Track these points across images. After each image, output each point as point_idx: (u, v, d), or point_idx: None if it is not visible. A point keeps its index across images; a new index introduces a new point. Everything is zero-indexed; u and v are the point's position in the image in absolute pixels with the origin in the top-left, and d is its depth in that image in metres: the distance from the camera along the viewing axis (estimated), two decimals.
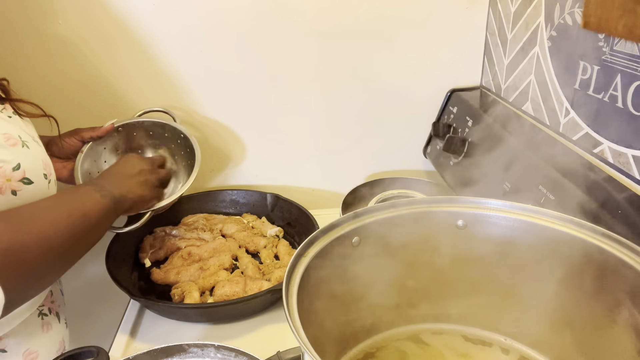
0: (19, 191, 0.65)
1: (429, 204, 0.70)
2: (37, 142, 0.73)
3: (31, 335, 0.76)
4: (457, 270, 0.72)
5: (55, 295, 0.85)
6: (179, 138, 1.01)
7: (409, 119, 1.19)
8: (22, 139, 0.68)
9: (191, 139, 0.99)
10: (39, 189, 0.68)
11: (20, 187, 0.65)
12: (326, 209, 1.17)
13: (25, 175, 0.66)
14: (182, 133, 1.00)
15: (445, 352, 0.73)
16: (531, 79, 0.93)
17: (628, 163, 0.70)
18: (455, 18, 1.09)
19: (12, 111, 0.73)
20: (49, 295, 0.83)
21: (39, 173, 0.69)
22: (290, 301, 0.54)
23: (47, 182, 0.71)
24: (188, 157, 1.00)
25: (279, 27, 1.06)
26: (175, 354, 0.72)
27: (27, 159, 0.67)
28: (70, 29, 1.01)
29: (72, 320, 0.93)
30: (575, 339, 0.65)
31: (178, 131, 1.01)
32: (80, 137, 0.93)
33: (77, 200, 0.70)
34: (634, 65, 0.67)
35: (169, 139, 1.02)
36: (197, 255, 0.99)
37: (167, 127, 1.01)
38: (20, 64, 1.02)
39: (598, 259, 0.59)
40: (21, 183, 0.65)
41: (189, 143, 0.99)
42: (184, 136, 1.00)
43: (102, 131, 0.94)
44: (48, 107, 0.79)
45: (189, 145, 0.99)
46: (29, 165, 0.67)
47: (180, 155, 1.02)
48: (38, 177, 0.68)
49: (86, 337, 1.11)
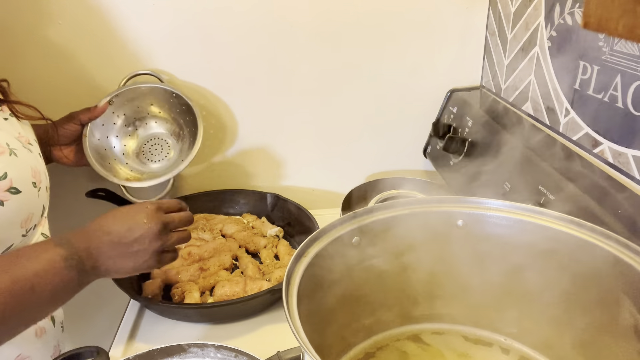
0: (6, 201, 0.64)
1: (429, 204, 0.70)
2: (29, 147, 0.71)
3: (23, 339, 0.71)
4: (457, 270, 0.72)
5: None
6: (179, 106, 1.03)
7: (409, 119, 1.19)
8: (10, 146, 0.66)
9: (191, 103, 1.00)
10: (28, 198, 0.67)
11: (8, 197, 0.64)
12: (326, 209, 1.17)
13: (12, 184, 0.64)
14: (183, 100, 1.01)
15: (445, 352, 0.73)
16: (531, 79, 0.93)
17: (628, 163, 0.70)
18: (455, 18, 1.09)
19: (8, 113, 0.72)
20: None
21: (27, 182, 0.67)
22: (290, 301, 0.54)
23: (36, 190, 0.69)
24: (192, 125, 1.02)
25: (279, 29, 1.06)
26: (175, 354, 0.72)
27: (15, 167, 0.66)
28: (69, 29, 1.01)
29: (73, 320, 0.93)
30: (575, 339, 0.65)
31: (181, 98, 1.01)
32: (78, 120, 0.92)
33: (31, 268, 0.58)
34: (634, 65, 0.67)
35: (173, 105, 1.04)
36: (197, 255, 0.99)
37: (167, 91, 1.02)
38: (19, 65, 1.03)
39: (598, 259, 0.59)
40: (8, 193, 0.64)
41: (191, 111, 1.01)
42: (186, 106, 1.01)
43: (98, 111, 0.92)
44: (46, 109, 0.79)
45: (192, 113, 1.01)
46: (16, 174, 0.65)
47: (186, 121, 1.03)
48: (26, 186, 0.67)
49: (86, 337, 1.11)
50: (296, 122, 1.16)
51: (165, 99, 1.04)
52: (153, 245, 0.69)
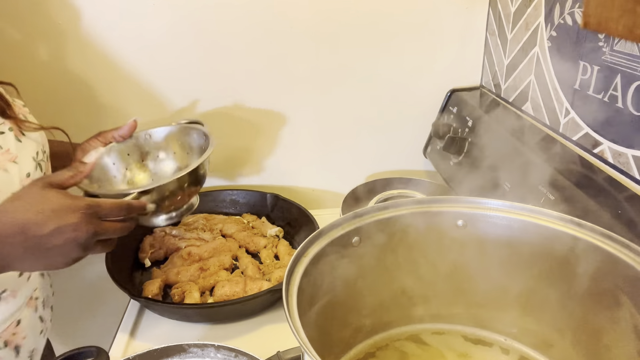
0: None
1: (429, 204, 0.70)
2: (19, 162, 0.67)
3: None
4: (457, 270, 0.72)
5: (24, 325, 0.75)
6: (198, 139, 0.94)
7: (409, 119, 1.19)
8: None
9: (210, 138, 0.91)
10: None
11: None
12: (326, 209, 1.17)
13: None
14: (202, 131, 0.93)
15: (445, 352, 0.73)
16: (531, 79, 0.93)
17: (628, 163, 0.70)
18: (455, 18, 1.10)
19: (7, 127, 0.69)
20: (14, 324, 0.73)
21: None
22: (290, 301, 0.54)
23: None
24: (200, 148, 0.93)
25: (278, 28, 1.06)
26: (175, 354, 0.72)
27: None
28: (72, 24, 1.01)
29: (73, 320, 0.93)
30: (575, 339, 0.65)
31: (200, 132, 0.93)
32: (104, 138, 0.85)
33: None
34: (634, 65, 0.67)
35: (192, 137, 0.95)
36: (197, 255, 0.99)
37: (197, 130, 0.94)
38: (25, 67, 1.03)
39: (598, 259, 0.59)
40: None
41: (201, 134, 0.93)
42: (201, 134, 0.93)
43: (126, 129, 0.85)
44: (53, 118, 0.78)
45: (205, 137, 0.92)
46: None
47: (195, 146, 0.94)
48: None
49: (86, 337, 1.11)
50: (296, 122, 1.16)
51: (190, 136, 0.97)
52: (72, 254, 0.62)
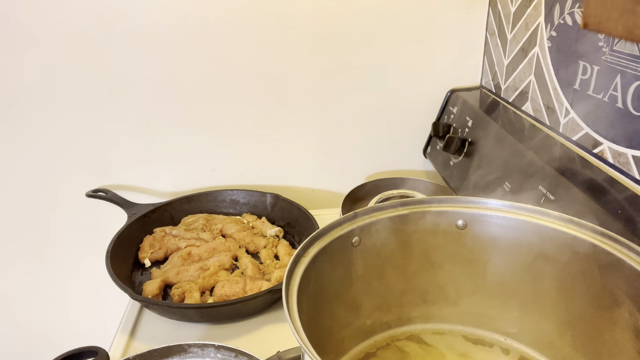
0: None
1: (429, 204, 0.70)
2: None
3: None
4: (457, 270, 0.72)
5: None
6: None
7: (409, 119, 1.19)
8: None
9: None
10: None
11: None
12: (326, 209, 1.17)
13: None
14: None
15: (445, 352, 0.73)
16: (531, 79, 0.93)
17: (628, 163, 0.70)
18: (455, 18, 1.10)
19: None
20: None
21: None
22: (290, 301, 0.54)
23: None
24: None
25: (277, 29, 1.06)
26: (175, 354, 0.72)
27: None
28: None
29: (73, 320, 0.93)
30: (575, 339, 0.65)
31: None
32: None
33: None
34: (634, 65, 0.67)
35: None
36: (197, 255, 0.99)
37: None
38: None
39: (598, 259, 0.59)
40: None
41: None
42: None
43: None
44: None
45: None
46: None
47: None
48: None
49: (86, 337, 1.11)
50: (296, 121, 1.16)
51: None
52: None
